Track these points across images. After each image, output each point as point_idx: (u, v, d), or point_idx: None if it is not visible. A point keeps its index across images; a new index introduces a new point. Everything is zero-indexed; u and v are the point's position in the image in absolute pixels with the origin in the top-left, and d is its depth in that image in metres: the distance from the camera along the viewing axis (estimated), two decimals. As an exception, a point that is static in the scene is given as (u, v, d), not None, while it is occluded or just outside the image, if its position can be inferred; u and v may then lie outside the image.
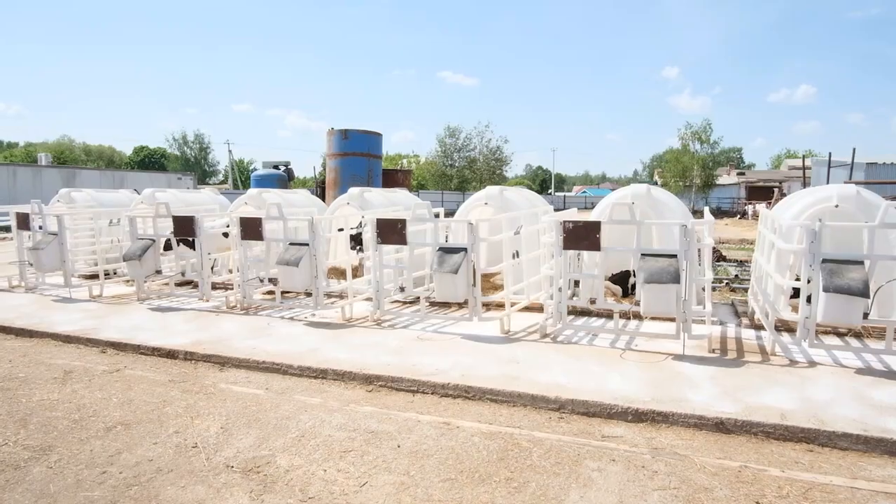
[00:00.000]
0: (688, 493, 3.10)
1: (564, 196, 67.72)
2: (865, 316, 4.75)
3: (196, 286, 7.91)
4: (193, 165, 75.65)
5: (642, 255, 5.40)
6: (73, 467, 3.42)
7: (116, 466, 3.43)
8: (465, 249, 5.94)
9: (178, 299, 7.91)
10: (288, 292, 7.98)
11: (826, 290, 4.72)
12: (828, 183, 21.15)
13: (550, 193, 74.54)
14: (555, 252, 5.71)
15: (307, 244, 6.63)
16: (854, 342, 5.63)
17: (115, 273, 9.73)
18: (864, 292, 4.61)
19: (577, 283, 7.28)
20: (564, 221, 5.63)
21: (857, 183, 17.10)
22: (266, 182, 25.40)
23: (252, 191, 10.14)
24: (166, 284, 8.50)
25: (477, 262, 5.96)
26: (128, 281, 9.16)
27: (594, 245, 5.53)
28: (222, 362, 5.39)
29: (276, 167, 28.50)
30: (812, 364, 4.99)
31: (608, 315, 6.70)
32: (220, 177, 79.01)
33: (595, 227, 5.50)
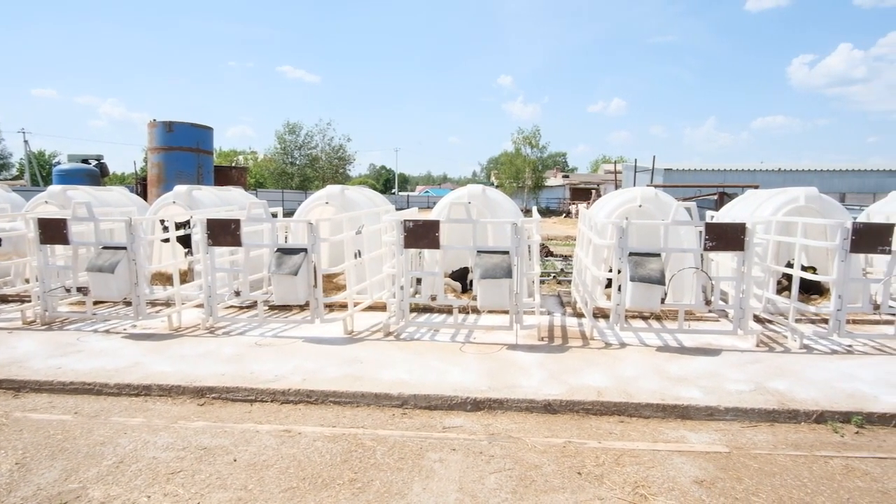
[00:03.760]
0: (520, 472, 3.34)
1: (408, 195, 68.83)
2: (663, 301, 5.50)
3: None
4: (-24, 157, 63.84)
5: (478, 252, 5.69)
6: None
7: None
8: (305, 250, 5.77)
9: (-45, 316, 6.64)
10: (103, 302, 7.12)
11: (632, 279, 5.38)
12: (634, 186, 24.08)
13: (394, 193, 75.37)
14: (396, 251, 5.79)
15: (125, 247, 5.96)
16: (655, 324, 6.49)
17: None
18: (661, 280, 5.34)
19: (418, 281, 7.44)
20: (405, 220, 5.73)
21: (656, 186, 19.70)
22: (73, 178, 22.21)
23: (55, 188, 8.86)
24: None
25: (318, 263, 5.82)
26: None
27: (434, 243, 5.70)
28: (17, 387, 4.64)
29: (85, 161, 25.10)
30: (623, 345, 5.65)
31: (449, 311, 6.96)
32: (14, 171, 67.60)
33: (434, 226, 5.67)
